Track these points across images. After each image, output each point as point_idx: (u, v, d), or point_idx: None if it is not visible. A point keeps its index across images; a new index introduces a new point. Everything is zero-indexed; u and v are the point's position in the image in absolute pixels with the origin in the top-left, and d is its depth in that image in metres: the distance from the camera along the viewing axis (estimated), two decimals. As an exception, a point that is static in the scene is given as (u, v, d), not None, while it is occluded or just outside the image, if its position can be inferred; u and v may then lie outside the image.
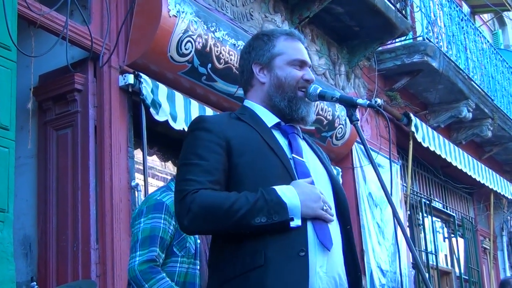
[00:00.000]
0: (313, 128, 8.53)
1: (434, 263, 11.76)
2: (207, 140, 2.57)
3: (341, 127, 9.01)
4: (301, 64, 2.80)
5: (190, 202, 2.45)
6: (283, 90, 2.74)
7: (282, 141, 2.70)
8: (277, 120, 2.75)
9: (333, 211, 2.61)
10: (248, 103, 2.82)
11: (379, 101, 9.81)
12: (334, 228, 2.59)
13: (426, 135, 10.69)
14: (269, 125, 2.72)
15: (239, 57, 2.95)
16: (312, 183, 2.56)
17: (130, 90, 6.18)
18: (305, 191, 2.50)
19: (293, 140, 2.73)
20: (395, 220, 2.58)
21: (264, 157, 2.58)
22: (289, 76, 2.76)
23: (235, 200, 2.43)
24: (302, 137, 2.82)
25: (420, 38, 10.74)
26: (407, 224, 10.95)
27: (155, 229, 3.68)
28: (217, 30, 6.84)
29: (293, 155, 2.66)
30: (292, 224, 2.44)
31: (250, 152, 2.57)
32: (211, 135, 2.59)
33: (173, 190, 3.86)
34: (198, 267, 3.79)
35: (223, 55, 6.86)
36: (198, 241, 3.83)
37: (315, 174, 2.66)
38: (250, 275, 2.43)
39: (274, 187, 2.47)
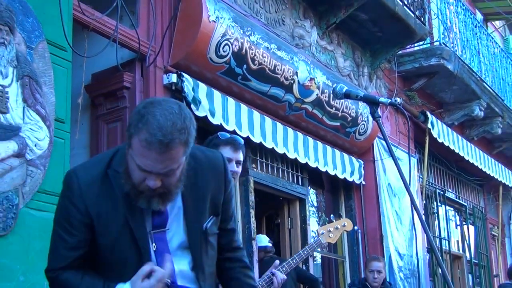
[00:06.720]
0: (338, 124, 8.51)
1: (447, 248, 11.67)
2: (72, 216, 2.35)
3: (363, 123, 8.96)
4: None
5: (49, 282, 2.43)
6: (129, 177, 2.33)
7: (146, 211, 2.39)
8: None
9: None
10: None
11: (398, 100, 9.68)
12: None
13: (441, 131, 10.60)
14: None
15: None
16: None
17: (173, 88, 6.20)
18: None
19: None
20: (413, 208, 2.57)
21: (122, 241, 2.36)
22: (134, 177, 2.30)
23: None
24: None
25: (437, 43, 10.61)
26: (423, 212, 10.85)
27: None
28: (252, 34, 6.84)
29: (152, 231, 2.39)
30: None
31: (110, 234, 2.36)
32: (75, 211, 2.35)
33: None
34: None
35: (257, 57, 6.86)
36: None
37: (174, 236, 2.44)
38: None
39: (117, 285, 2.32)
